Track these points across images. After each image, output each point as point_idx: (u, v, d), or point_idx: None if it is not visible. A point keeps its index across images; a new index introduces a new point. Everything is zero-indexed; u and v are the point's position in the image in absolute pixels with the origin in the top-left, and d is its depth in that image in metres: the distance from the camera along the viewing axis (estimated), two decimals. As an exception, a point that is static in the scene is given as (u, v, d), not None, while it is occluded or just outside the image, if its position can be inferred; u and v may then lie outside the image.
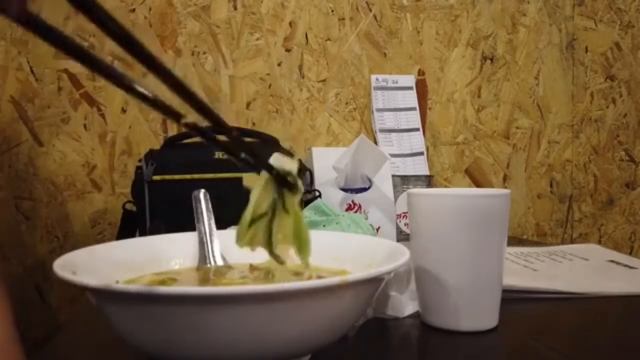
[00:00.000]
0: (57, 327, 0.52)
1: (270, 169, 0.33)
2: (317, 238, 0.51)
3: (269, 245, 0.34)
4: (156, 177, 0.80)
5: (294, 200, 0.34)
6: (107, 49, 1.00)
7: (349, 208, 0.84)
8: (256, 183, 0.33)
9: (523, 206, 1.22)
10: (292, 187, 0.34)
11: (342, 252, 0.47)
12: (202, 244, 0.50)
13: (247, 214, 0.33)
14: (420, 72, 1.16)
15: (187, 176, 0.80)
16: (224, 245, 0.51)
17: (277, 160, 0.34)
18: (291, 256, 0.49)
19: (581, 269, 0.71)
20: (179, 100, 0.26)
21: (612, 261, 0.74)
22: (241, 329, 0.31)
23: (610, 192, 1.27)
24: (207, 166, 0.81)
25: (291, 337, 0.33)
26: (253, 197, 0.33)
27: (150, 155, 0.83)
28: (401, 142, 1.11)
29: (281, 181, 0.33)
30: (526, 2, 1.21)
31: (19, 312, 0.48)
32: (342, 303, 0.34)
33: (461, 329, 0.47)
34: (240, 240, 0.34)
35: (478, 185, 1.19)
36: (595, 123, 1.26)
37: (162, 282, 0.44)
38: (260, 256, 0.50)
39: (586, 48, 1.25)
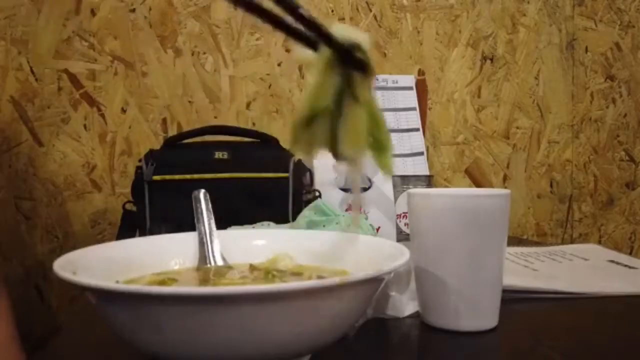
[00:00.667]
0: (57, 327, 0.52)
1: (332, 42, 0.24)
2: (317, 238, 0.52)
3: (333, 145, 0.25)
4: (156, 177, 0.80)
5: (366, 85, 0.25)
6: (108, 49, 1.00)
7: (349, 208, 0.84)
8: (313, 65, 0.25)
9: (523, 206, 1.22)
10: (364, 67, 0.25)
11: (342, 252, 0.47)
12: (202, 244, 0.50)
13: (305, 109, 0.25)
14: (420, 72, 1.16)
15: (187, 176, 0.80)
16: (224, 245, 0.51)
17: (341, 30, 0.25)
18: (286, 259, 0.49)
19: (581, 269, 0.71)
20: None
21: (612, 261, 0.74)
22: (241, 329, 0.31)
23: (610, 192, 1.27)
24: (207, 166, 0.81)
25: (291, 337, 0.33)
26: (310, 85, 0.25)
27: (150, 155, 0.83)
28: (401, 142, 1.11)
29: (348, 59, 0.24)
30: (526, 2, 1.21)
31: (19, 312, 0.48)
32: (342, 303, 0.34)
33: (461, 329, 0.47)
34: (295, 143, 0.25)
35: (478, 185, 1.19)
36: (595, 123, 1.26)
37: (162, 282, 0.44)
38: (260, 256, 0.50)
39: (586, 48, 1.25)
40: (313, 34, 0.23)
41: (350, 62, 0.24)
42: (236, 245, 0.51)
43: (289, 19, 0.22)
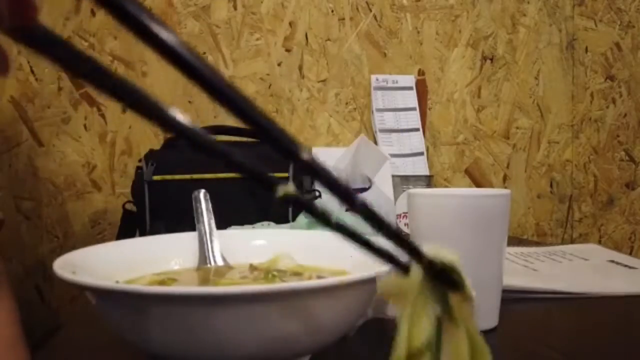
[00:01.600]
0: (57, 327, 0.52)
1: (424, 260, 0.22)
2: (317, 238, 0.51)
3: None
4: (156, 177, 0.80)
5: (464, 306, 0.23)
6: (108, 49, 1.00)
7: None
8: (404, 291, 0.22)
9: (523, 206, 1.22)
10: (459, 288, 0.23)
11: (342, 252, 0.47)
12: (202, 244, 0.50)
13: (404, 346, 0.22)
14: (420, 72, 1.16)
15: (187, 176, 0.80)
16: (224, 245, 0.51)
17: (431, 250, 0.23)
18: (286, 259, 0.49)
19: (581, 269, 0.71)
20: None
21: (612, 261, 0.74)
22: (241, 329, 0.31)
23: (610, 192, 1.27)
24: (207, 166, 0.81)
25: (291, 337, 0.33)
26: (404, 320, 0.22)
27: (150, 155, 0.83)
28: (401, 142, 1.11)
29: (442, 280, 0.22)
30: (526, 2, 1.21)
31: (18, 312, 0.48)
32: (342, 303, 0.34)
33: (461, 329, 0.46)
34: None
35: (478, 185, 1.19)
36: (595, 123, 1.26)
37: (162, 282, 0.44)
38: (260, 256, 0.50)
39: (586, 48, 1.25)
40: (405, 254, 0.21)
41: (445, 283, 0.22)
42: (236, 245, 0.51)
43: (377, 240, 0.20)
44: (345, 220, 0.20)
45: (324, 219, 0.20)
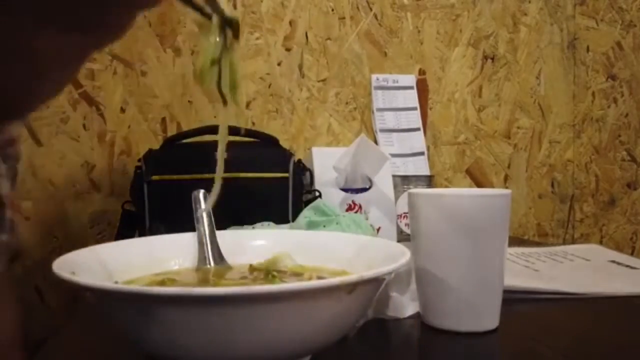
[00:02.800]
0: (57, 328, 0.52)
1: (221, 12, 0.36)
2: (317, 238, 0.51)
3: (219, 83, 0.36)
4: (155, 177, 0.80)
5: (235, 40, 0.37)
6: (107, 48, 0.99)
7: (349, 208, 0.83)
8: (207, 26, 0.36)
9: (524, 206, 1.21)
10: (237, 31, 0.36)
11: (342, 252, 0.47)
12: (201, 244, 0.50)
13: (205, 57, 0.35)
14: (421, 72, 1.15)
15: (187, 176, 0.80)
16: (224, 245, 0.51)
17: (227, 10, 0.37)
18: (286, 259, 0.49)
19: (582, 270, 0.70)
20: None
21: (614, 261, 0.74)
22: (241, 329, 0.31)
23: (612, 192, 1.26)
24: (207, 166, 0.81)
25: (291, 337, 0.33)
26: (206, 41, 0.36)
27: (150, 155, 0.83)
28: (402, 142, 1.10)
29: (229, 25, 0.36)
30: (527, 2, 1.21)
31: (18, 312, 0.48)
32: (342, 304, 0.34)
33: (462, 329, 0.46)
34: (202, 84, 0.37)
35: (479, 185, 1.19)
36: (596, 123, 1.26)
37: (162, 283, 0.43)
38: (260, 256, 0.50)
39: (587, 47, 1.24)
40: (207, 6, 0.34)
41: (230, 27, 0.35)
42: (236, 245, 0.51)
43: None
44: (345, 220, 0.21)
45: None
